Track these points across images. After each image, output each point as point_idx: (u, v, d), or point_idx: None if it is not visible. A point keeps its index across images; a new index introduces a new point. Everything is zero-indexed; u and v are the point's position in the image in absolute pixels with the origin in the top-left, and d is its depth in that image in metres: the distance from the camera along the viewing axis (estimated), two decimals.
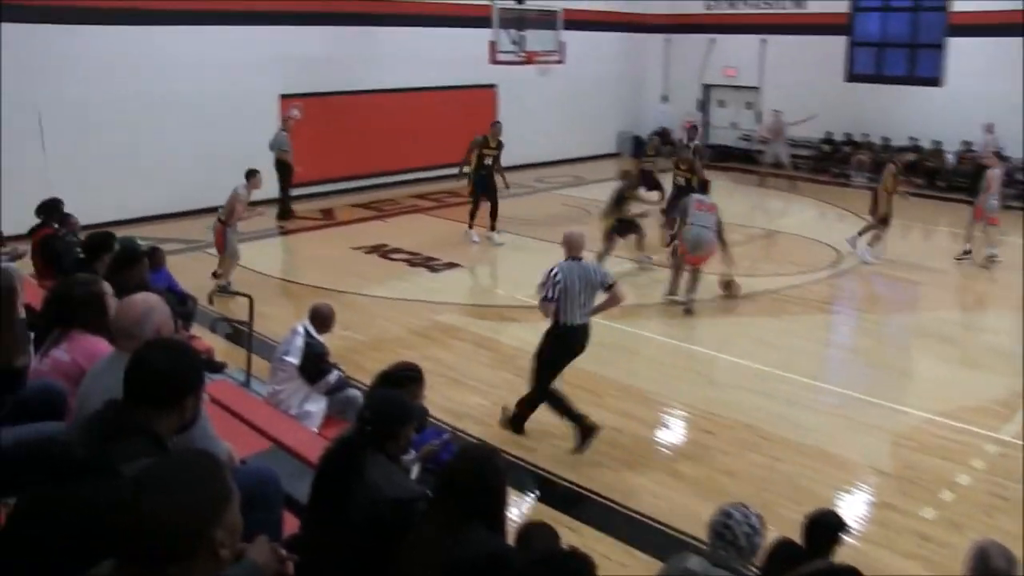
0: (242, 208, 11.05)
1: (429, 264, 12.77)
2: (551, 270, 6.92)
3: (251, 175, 11.24)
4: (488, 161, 13.69)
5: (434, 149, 18.79)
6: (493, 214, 13.87)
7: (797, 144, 20.61)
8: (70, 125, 14.01)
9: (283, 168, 15.32)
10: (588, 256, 7.63)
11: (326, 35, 17.12)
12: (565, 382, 8.36)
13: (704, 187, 11.60)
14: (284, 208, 15.57)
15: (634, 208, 12.50)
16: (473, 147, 13.68)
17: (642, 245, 12.72)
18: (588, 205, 16.94)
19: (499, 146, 13.83)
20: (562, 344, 7.05)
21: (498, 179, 14.01)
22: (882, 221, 13.21)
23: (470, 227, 13.91)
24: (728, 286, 11.18)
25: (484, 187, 13.72)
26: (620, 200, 12.33)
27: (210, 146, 15.36)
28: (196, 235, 13.72)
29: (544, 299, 6.90)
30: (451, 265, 12.74)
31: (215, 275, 11.37)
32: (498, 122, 14.19)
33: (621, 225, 12.32)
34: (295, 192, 15.81)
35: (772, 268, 12.86)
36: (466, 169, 13.98)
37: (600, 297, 7.10)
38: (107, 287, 4.21)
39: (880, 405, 8.09)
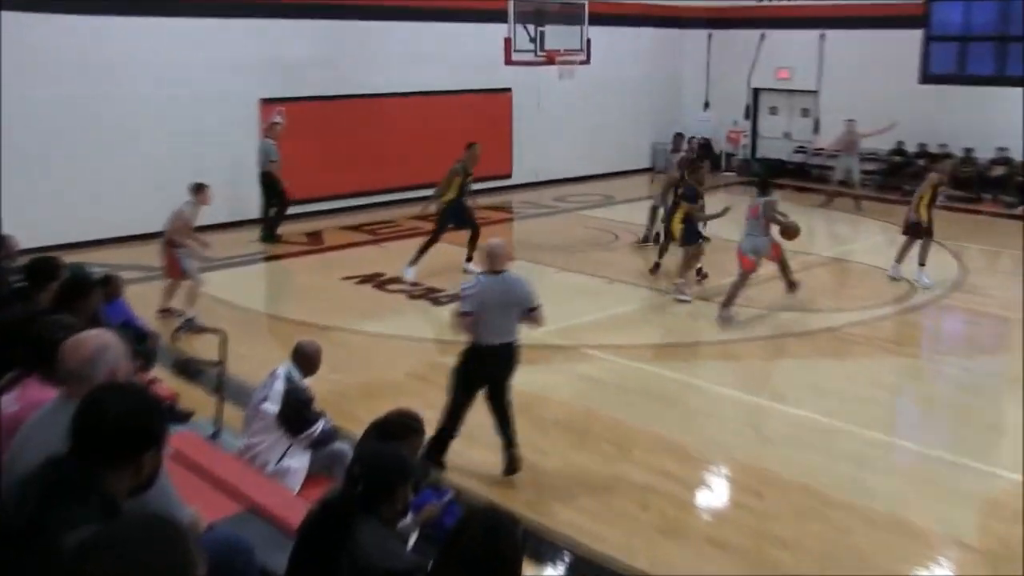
0: (184, 227, 11.16)
1: (432, 296, 12.77)
2: (466, 283, 7.46)
3: (197, 190, 11.46)
4: (468, 188, 13.73)
5: (438, 163, 18.63)
6: (475, 242, 13.76)
7: (863, 157, 20.59)
8: (8, 131, 13.91)
9: (270, 182, 15.52)
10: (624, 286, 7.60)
11: (315, 30, 17.30)
12: (592, 433, 8.34)
13: (764, 187, 12.31)
14: (269, 230, 15.65)
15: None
16: (454, 175, 13.56)
17: (691, 265, 12.87)
18: (617, 228, 16.94)
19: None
20: (477, 366, 7.41)
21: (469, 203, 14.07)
22: (926, 232, 13.36)
23: (414, 263, 13.63)
24: (788, 231, 12.16)
25: (459, 218, 13.72)
26: (692, 196, 12.81)
27: (176, 158, 15.42)
28: (158, 261, 13.76)
29: (461, 313, 7.32)
30: (457, 297, 12.70)
31: (165, 311, 11.39)
32: (476, 144, 13.86)
33: (688, 231, 12.63)
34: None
35: (833, 302, 12.80)
36: (439, 194, 13.86)
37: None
38: None
39: (965, 466, 7.98)
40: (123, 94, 15.16)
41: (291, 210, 16.45)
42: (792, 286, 12.36)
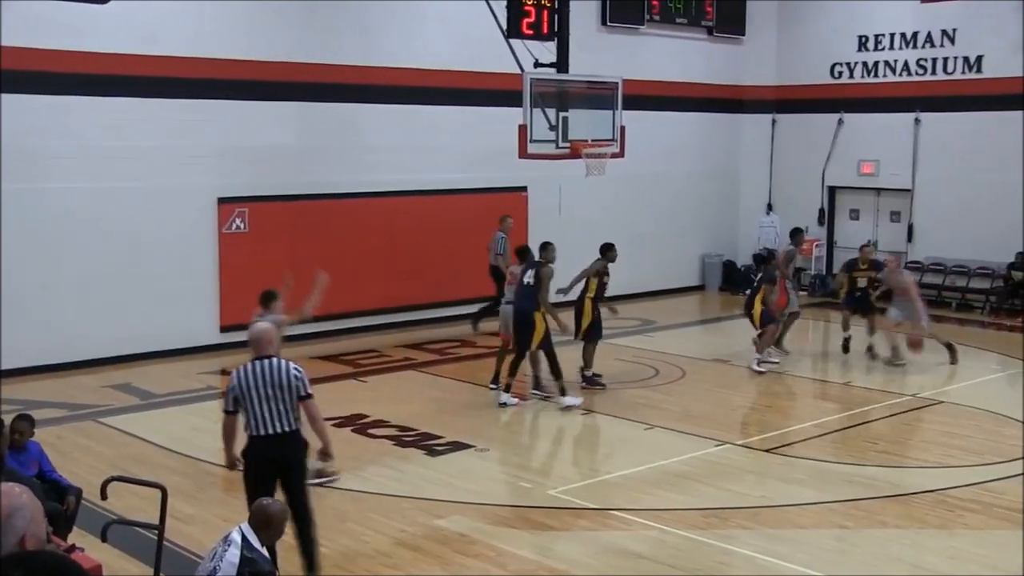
0: None
1: (426, 444, 12.79)
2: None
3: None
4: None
5: (436, 280, 19.02)
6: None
7: (968, 271, 20.43)
8: None
9: (500, 275, 18.10)
10: None
11: (286, 115, 17.75)
12: None
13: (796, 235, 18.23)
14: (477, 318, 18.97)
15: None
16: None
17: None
18: (657, 360, 16.96)
19: None
20: (252, 461, 8.41)
21: None
22: None
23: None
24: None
25: None
26: (772, 278, 16.83)
27: (111, 269, 15.69)
28: (86, 397, 13.83)
29: (224, 412, 8.56)
30: (458, 445, 12.75)
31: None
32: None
33: (764, 314, 16.72)
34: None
35: (934, 456, 12.73)
36: None
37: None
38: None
39: None
40: (43, 190, 15.39)
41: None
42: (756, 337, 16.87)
